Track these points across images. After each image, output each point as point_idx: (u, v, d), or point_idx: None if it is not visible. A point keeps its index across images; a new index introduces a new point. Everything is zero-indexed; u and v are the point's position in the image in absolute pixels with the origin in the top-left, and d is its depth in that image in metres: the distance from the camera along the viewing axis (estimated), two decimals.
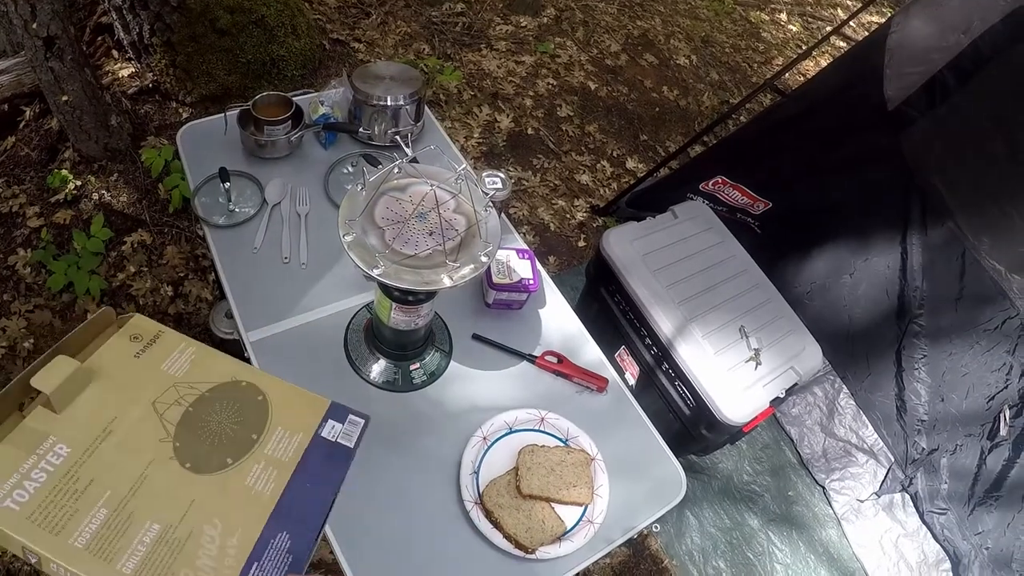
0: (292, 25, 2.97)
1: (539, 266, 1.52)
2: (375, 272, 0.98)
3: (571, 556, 1.25)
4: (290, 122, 1.59)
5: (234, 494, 0.80)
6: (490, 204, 1.13)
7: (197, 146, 1.64)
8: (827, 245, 2.48)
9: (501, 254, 1.48)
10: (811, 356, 2.13)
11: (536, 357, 1.43)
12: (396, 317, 1.16)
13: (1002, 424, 2.14)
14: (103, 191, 2.62)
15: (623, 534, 1.33)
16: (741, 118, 3.62)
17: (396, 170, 1.13)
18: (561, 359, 1.45)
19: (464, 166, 1.11)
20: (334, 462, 0.88)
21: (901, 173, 2.22)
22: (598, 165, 3.34)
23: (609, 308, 2.22)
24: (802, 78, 4.17)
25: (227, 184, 1.50)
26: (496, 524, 1.22)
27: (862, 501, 2.49)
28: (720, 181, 2.59)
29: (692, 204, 2.37)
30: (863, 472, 2.49)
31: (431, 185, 1.13)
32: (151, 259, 2.36)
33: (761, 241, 2.55)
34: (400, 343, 1.28)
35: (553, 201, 3.10)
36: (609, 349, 2.07)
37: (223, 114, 1.62)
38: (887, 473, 2.43)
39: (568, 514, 1.29)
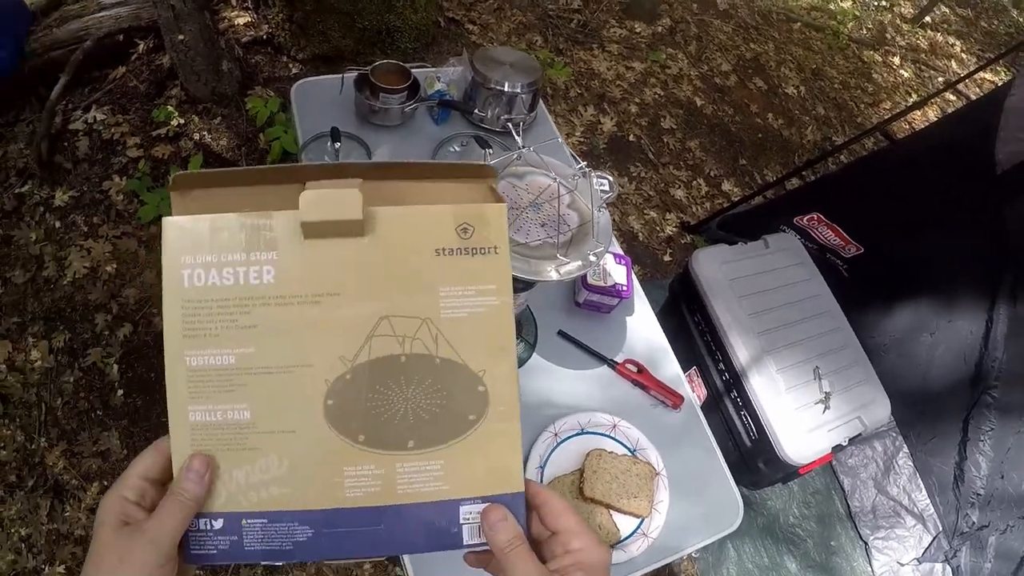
0: None
1: (633, 274, 1.52)
2: None
3: (621, 565, 1.26)
4: (406, 92, 1.61)
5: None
6: (603, 205, 1.13)
7: (309, 102, 1.67)
8: (912, 300, 2.42)
9: None
10: (879, 409, 2.11)
11: (617, 363, 1.44)
12: None
13: None
14: (205, 132, 2.70)
15: (674, 553, 1.33)
16: (842, 158, 3.55)
17: (517, 157, 1.14)
18: (641, 369, 1.45)
19: (584, 164, 1.11)
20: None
21: (1000, 239, 2.17)
22: (694, 182, 3.31)
23: (687, 326, 2.21)
24: (908, 127, 4.06)
25: (337, 144, 1.53)
26: None
27: (903, 564, 2.45)
28: (815, 218, 2.55)
29: (785, 236, 2.34)
30: (909, 535, 2.44)
31: (552, 177, 1.14)
32: None
33: (847, 285, 2.50)
34: None
35: (645, 211, 3.09)
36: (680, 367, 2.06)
37: (340, 75, 1.65)
38: (933, 541, 2.38)
39: (625, 524, 1.30)
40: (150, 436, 1.95)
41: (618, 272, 1.46)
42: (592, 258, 1.05)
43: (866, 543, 2.52)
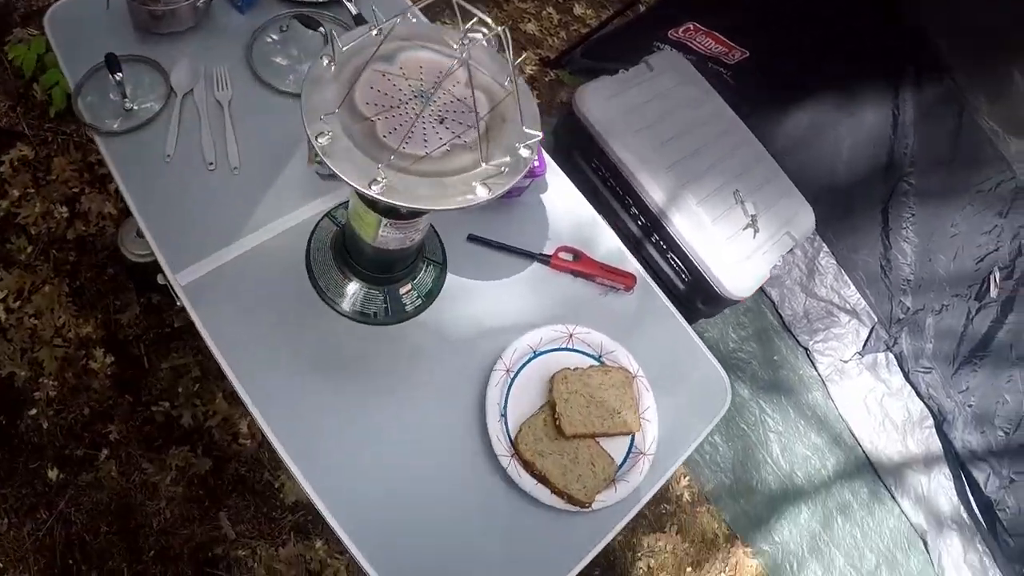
0: None
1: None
2: (375, 190, 0.64)
3: (628, 499, 1.02)
4: None
5: None
6: (516, 72, 0.78)
7: (73, 31, 1.16)
8: (809, 99, 2.26)
9: None
10: (805, 219, 1.98)
11: (549, 256, 1.14)
12: (386, 235, 0.83)
13: (992, 286, 2.15)
14: None
15: (676, 460, 1.12)
16: None
17: (377, 32, 0.76)
18: (578, 255, 1.16)
19: (476, 19, 0.74)
20: None
21: (896, 25, 2.04)
22: (543, 12, 2.94)
23: (585, 176, 1.94)
24: None
25: (118, 75, 1.08)
26: (541, 477, 0.96)
27: (845, 361, 2.44)
28: (691, 28, 2.28)
29: (666, 54, 2.08)
30: (846, 332, 2.42)
31: (437, 48, 0.77)
32: (37, 177, 1.87)
33: (735, 93, 2.28)
34: (386, 263, 0.95)
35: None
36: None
37: None
38: (870, 333, 2.38)
39: (616, 448, 1.05)
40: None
41: None
42: (524, 152, 0.72)
43: (807, 349, 2.47)
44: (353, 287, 0.98)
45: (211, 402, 1.66)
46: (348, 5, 1.26)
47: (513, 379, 1.02)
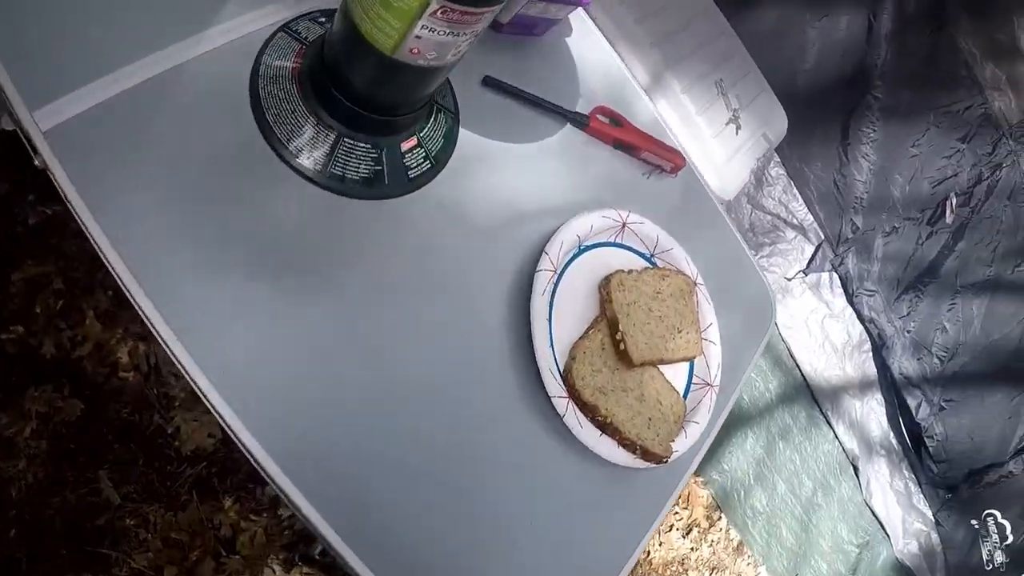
0: None
1: None
2: None
3: (697, 443, 0.76)
4: None
5: None
6: None
7: None
8: None
9: None
10: (779, 121, 1.80)
11: (587, 116, 0.82)
12: (425, 37, 0.48)
13: (947, 212, 2.14)
14: None
15: (735, 388, 0.87)
16: None
17: None
18: (620, 121, 0.85)
19: None
20: None
21: None
22: None
23: None
24: None
25: None
26: (604, 425, 0.67)
27: (789, 279, 2.36)
28: None
29: None
30: (791, 249, 2.32)
31: None
32: None
33: None
34: (396, 97, 0.60)
35: None
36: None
37: None
38: (816, 250, 2.31)
39: (678, 378, 0.78)
40: None
41: None
42: None
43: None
44: (328, 136, 0.62)
45: (80, 324, 1.20)
46: None
47: (557, 284, 0.72)
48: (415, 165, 0.66)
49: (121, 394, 1.21)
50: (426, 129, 0.67)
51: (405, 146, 0.65)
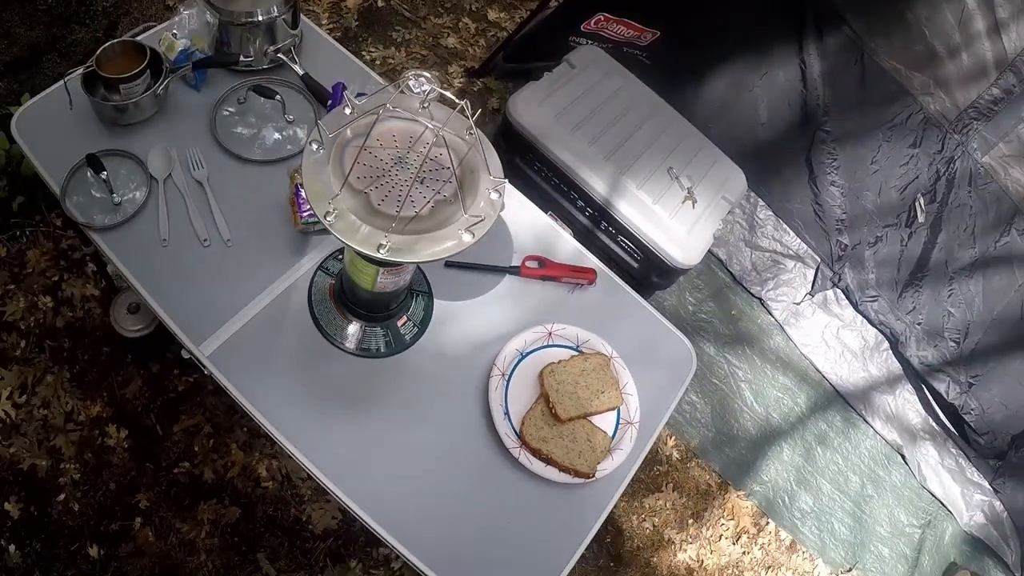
0: None
1: None
2: (383, 253, 0.77)
3: (624, 464, 1.18)
4: (148, 72, 1.25)
5: None
6: (471, 129, 0.92)
7: (40, 134, 1.25)
8: (722, 65, 2.39)
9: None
10: (737, 181, 2.13)
11: (519, 267, 1.28)
12: (384, 281, 0.96)
13: (918, 211, 2.25)
14: None
15: (658, 423, 1.27)
16: None
17: (351, 111, 0.89)
18: (544, 261, 1.30)
19: (432, 88, 0.87)
20: None
21: None
22: (460, 23, 3.05)
23: (528, 178, 2.07)
24: None
25: (103, 173, 1.18)
26: (548, 460, 1.11)
27: (798, 304, 2.57)
28: (602, 19, 2.42)
29: (585, 50, 2.21)
30: (793, 277, 2.55)
31: (399, 116, 0.91)
32: (14, 273, 1.93)
33: (653, 71, 2.43)
34: (384, 303, 1.09)
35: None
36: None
37: (62, 85, 1.24)
38: (816, 273, 2.50)
39: (607, 423, 1.20)
40: None
41: None
42: (494, 196, 0.86)
43: (760, 299, 2.61)
44: (355, 328, 1.12)
45: (227, 454, 1.77)
46: (294, 68, 1.38)
47: (508, 380, 1.17)
48: (408, 332, 1.14)
49: (265, 498, 1.77)
50: (411, 309, 1.15)
51: (399, 323, 1.14)
